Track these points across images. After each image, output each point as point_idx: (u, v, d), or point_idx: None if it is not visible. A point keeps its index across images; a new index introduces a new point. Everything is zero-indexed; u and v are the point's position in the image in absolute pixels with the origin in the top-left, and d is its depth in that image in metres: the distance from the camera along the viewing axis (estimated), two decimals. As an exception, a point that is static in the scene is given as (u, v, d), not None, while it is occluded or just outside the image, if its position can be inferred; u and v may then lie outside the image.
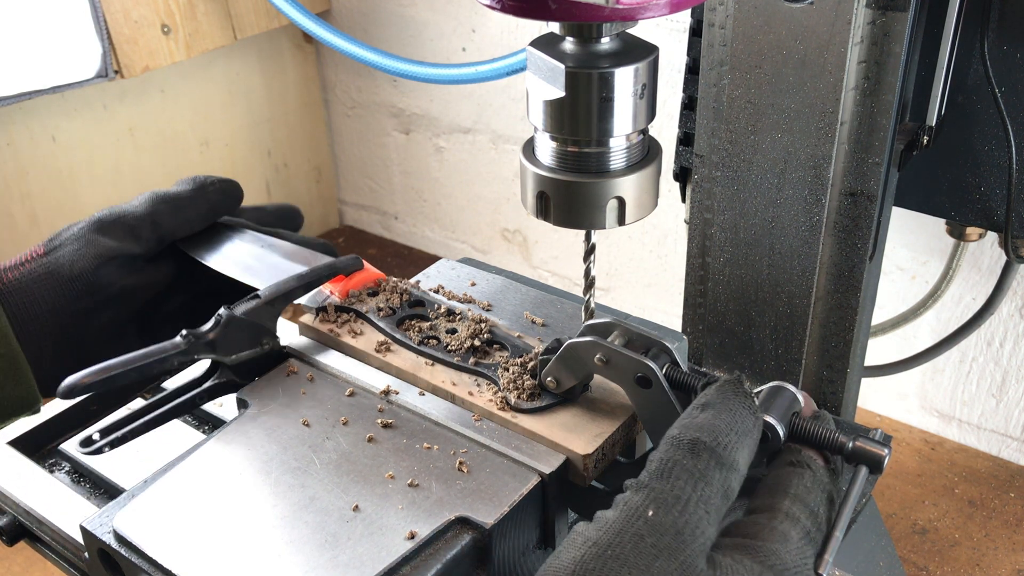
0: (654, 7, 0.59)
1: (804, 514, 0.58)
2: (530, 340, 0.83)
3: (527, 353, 0.80)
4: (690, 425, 0.59)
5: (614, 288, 2.08)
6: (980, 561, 1.52)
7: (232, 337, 0.81)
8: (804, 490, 0.59)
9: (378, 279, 0.92)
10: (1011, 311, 1.58)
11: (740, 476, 0.58)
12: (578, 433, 0.73)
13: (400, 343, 0.84)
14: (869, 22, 0.86)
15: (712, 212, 0.99)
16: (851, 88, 0.88)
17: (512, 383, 0.77)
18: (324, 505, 0.69)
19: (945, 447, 1.75)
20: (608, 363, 0.71)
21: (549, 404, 0.76)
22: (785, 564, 0.55)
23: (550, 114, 0.68)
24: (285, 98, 2.33)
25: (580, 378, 0.75)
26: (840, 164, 0.92)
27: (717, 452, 0.57)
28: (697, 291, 1.05)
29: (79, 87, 1.77)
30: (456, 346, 0.82)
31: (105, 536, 0.69)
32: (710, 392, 0.62)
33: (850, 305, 0.99)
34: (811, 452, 0.63)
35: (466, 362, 0.80)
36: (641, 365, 0.70)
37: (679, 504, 0.54)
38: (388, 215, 2.49)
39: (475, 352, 0.82)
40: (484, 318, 0.85)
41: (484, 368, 0.80)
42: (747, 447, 0.59)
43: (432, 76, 1.66)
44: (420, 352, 0.82)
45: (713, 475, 0.56)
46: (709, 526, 0.55)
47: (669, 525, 0.53)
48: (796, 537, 0.56)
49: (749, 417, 0.60)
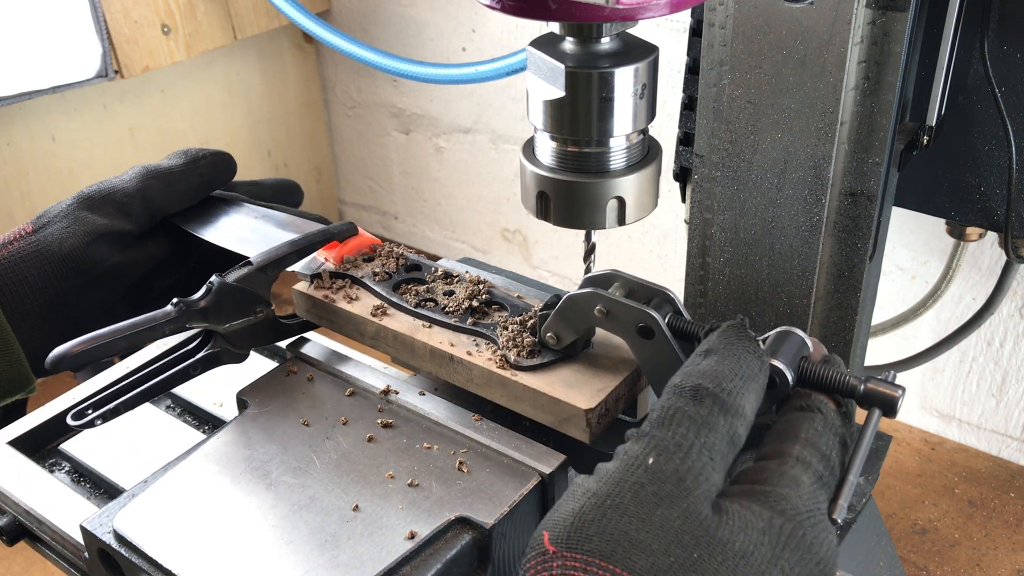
0: (654, 7, 0.59)
1: (816, 458, 0.56)
2: (530, 300, 0.82)
3: (526, 312, 0.79)
4: (692, 372, 0.57)
5: (614, 288, 2.07)
6: (980, 561, 1.52)
7: (225, 305, 0.79)
8: (815, 434, 0.57)
9: (373, 244, 0.89)
10: (1011, 311, 1.58)
11: (747, 422, 0.56)
12: (580, 389, 0.71)
13: (397, 306, 0.82)
14: (869, 22, 0.86)
15: (712, 212, 0.99)
16: (851, 88, 0.88)
17: (511, 341, 0.75)
18: (324, 505, 0.69)
19: (945, 447, 1.75)
20: (609, 314, 0.69)
21: (550, 361, 0.74)
22: (797, 509, 0.53)
23: (550, 114, 0.68)
24: (285, 98, 2.33)
25: (581, 332, 0.73)
26: (840, 164, 0.92)
27: (721, 398, 0.55)
28: (697, 291, 1.05)
29: (79, 87, 1.77)
30: (454, 307, 0.80)
31: (105, 536, 0.69)
32: (713, 338, 0.60)
33: (850, 305, 0.99)
34: (822, 396, 0.60)
35: (464, 323, 0.78)
36: (643, 315, 0.67)
37: (680, 451, 0.52)
38: (388, 215, 2.49)
39: (473, 313, 0.80)
40: (482, 279, 0.84)
41: (483, 328, 0.78)
42: (753, 392, 0.57)
43: (432, 76, 1.66)
44: (417, 315, 0.80)
45: (717, 421, 0.54)
46: (714, 472, 0.53)
47: (671, 472, 0.51)
48: (808, 482, 0.54)
49: (754, 361, 0.58)
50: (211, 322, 0.79)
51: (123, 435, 0.88)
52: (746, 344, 0.59)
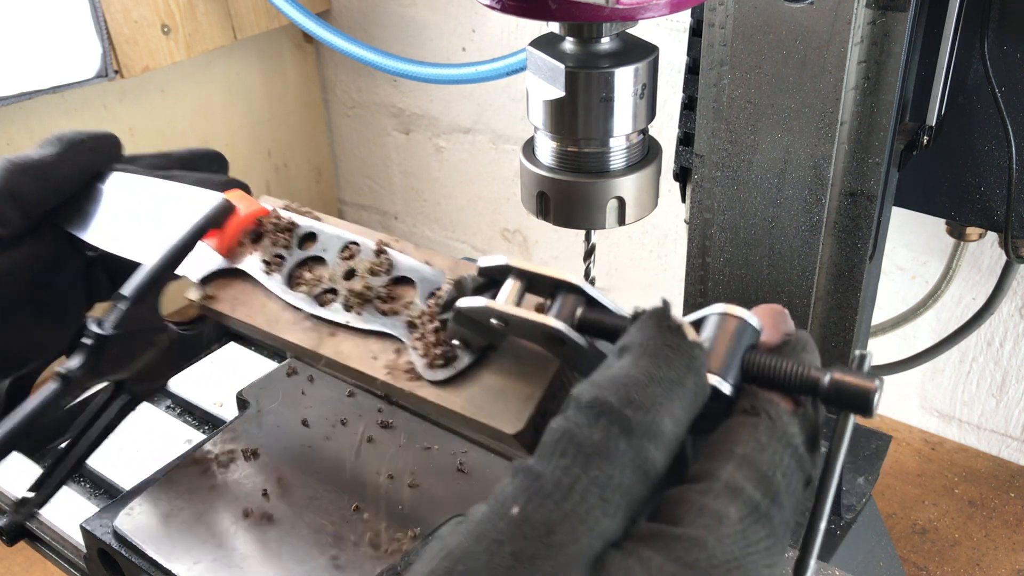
0: (654, 7, 0.59)
1: (752, 483, 0.42)
2: (440, 261, 0.66)
3: (438, 290, 0.63)
4: (597, 380, 0.44)
5: (614, 288, 2.07)
6: (980, 561, 1.52)
7: (112, 355, 0.69)
8: (755, 448, 0.43)
9: (259, 217, 0.72)
10: (1011, 311, 1.58)
11: (667, 443, 0.43)
12: (506, 401, 0.57)
13: (294, 308, 0.67)
14: (869, 22, 0.86)
15: (712, 212, 0.99)
16: (851, 88, 0.88)
17: (421, 343, 0.61)
18: (324, 505, 0.69)
19: (945, 447, 1.75)
20: (508, 325, 0.55)
21: (467, 366, 0.59)
22: (713, 558, 0.40)
23: (550, 114, 0.68)
24: (285, 98, 2.33)
25: (490, 338, 0.59)
26: (840, 164, 0.92)
27: (623, 415, 0.42)
28: (697, 291, 1.05)
29: (79, 87, 1.77)
30: (356, 297, 0.65)
31: (105, 536, 0.69)
32: (631, 332, 0.46)
33: (850, 305, 0.99)
34: (772, 395, 0.45)
35: (371, 320, 0.64)
36: (543, 327, 0.53)
37: (557, 493, 0.40)
38: (388, 215, 2.49)
39: (379, 299, 0.65)
40: (384, 244, 0.68)
41: (390, 325, 0.63)
42: (678, 401, 0.43)
43: (432, 76, 1.66)
44: (318, 319, 0.66)
45: (615, 446, 0.41)
46: (606, 517, 0.40)
47: (538, 524, 0.39)
48: (736, 517, 0.41)
49: (679, 359, 0.44)
50: (108, 376, 0.71)
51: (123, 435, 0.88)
52: (667, 337, 0.45)
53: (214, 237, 0.72)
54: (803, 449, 0.45)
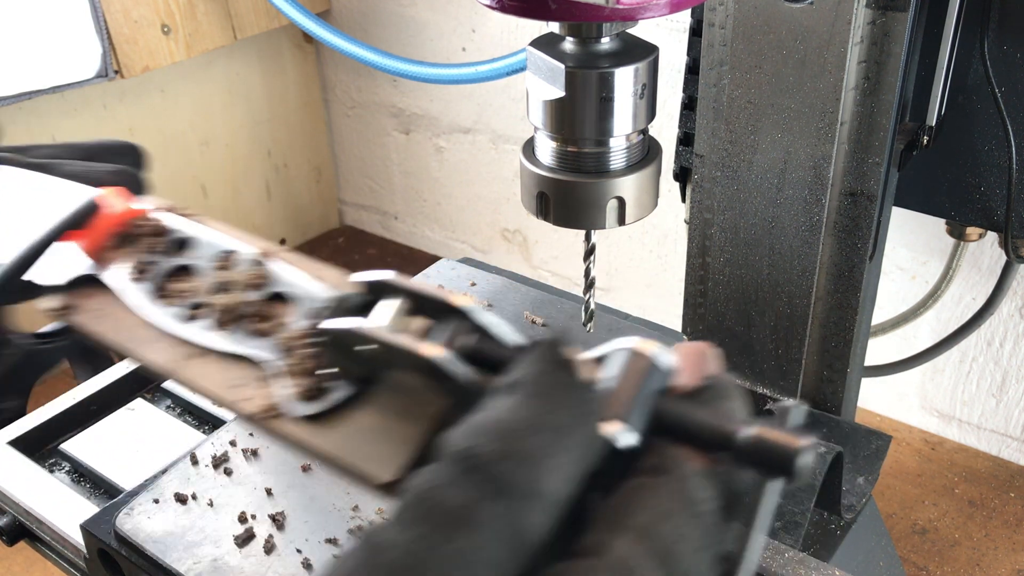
0: (654, 7, 0.59)
1: (649, 559, 0.35)
2: (331, 276, 0.56)
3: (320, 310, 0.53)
4: (472, 425, 0.37)
5: (614, 288, 2.08)
6: (980, 561, 1.52)
7: None
8: (657, 517, 0.36)
9: (130, 219, 0.62)
10: (1011, 311, 1.58)
11: (552, 504, 0.35)
12: (381, 442, 0.47)
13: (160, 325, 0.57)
14: (869, 22, 0.86)
15: (712, 212, 0.99)
16: (851, 88, 0.88)
17: (293, 367, 0.52)
18: (324, 505, 0.69)
19: (945, 447, 1.75)
20: (382, 352, 0.46)
21: (344, 398, 0.49)
22: None
23: (550, 114, 0.68)
24: (285, 98, 2.33)
25: (371, 367, 0.49)
26: (840, 164, 0.92)
27: (496, 470, 0.35)
28: (697, 291, 1.05)
29: (79, 87, 1.77)
30: (228, 314, 0.56)
31: (105, 536, 0.69)
32: (518, 366, 0.39)
33: (850, 305, 0.99)
34: (682, 450, 0.38)
35: (244, 341, 0.55)
36: (418, 359, 0.45)
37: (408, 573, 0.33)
38: (388, 215, 2.49)
39: (255, 317, 0.56)
40: (266, 253, 0.58)
41: (260, 347, 0.54)
42: (566, 453, 0.36)
43: (432, 76, 1.66)
44: (184, 341, 0.56)
45: (483, 511, 0.34)
46: None
47: None
48: None
49: (571, 403, 0.37)
50: None
51: (123, 435, 0.88)
52: (558, 375, 0.38)
53: (84, 239, 0.61)
54: (714, 518, 0.37)
